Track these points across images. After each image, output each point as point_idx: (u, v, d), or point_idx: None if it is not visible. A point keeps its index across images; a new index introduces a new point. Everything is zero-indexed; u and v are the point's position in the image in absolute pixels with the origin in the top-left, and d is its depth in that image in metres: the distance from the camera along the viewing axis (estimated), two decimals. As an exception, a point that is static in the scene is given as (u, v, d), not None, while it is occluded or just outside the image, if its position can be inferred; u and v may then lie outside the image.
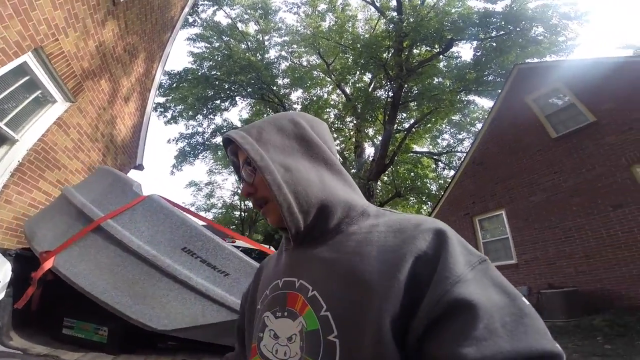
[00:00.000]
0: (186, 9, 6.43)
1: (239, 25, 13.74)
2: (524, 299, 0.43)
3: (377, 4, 12.22)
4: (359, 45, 11.01)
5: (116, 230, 1.79)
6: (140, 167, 6.82)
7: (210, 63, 12.63)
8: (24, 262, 1.80)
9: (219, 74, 11.87)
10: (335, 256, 0.52)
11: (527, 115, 7.96)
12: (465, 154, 10.53)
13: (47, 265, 1.63)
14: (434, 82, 11.27)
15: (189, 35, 12.99)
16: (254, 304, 0.66)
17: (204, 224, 2.28)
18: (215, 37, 12.95)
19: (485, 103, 17.68)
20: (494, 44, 9.60)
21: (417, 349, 0.41)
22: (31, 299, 1.68)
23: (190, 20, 12.33)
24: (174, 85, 11.94)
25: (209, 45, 13.06)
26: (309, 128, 0.63)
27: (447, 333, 0.39)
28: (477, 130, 11.92)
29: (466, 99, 11.61)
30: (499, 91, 9.14)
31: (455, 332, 0.38)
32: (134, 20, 4.69)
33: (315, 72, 13.60)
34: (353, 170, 12.02)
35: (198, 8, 12.36)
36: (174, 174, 15.12)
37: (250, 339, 0.61)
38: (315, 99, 14.06)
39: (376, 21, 13.10)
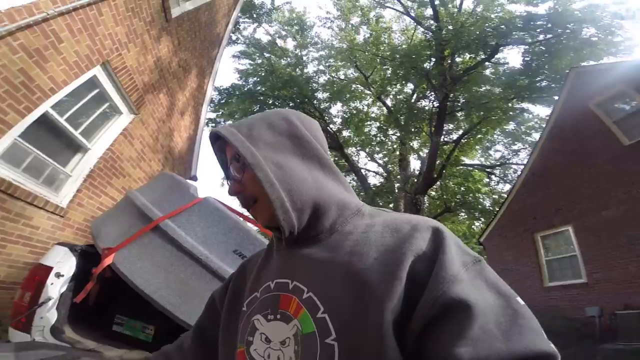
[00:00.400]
0: (230, 26, 6.80)
1: (278, 41, 14.26)
2: (518, 298, 0.42)
3: (412, 14, 12.03)
4: (397, 56, 10.77)
5: (173, 230, 1.81)
6: (194, 178, 7.18)
7: (255, 79, 13.17)
8: (88, 258, 1.88)
9: (263, 89, 12.36)
10: (331, 256, 0.51)
11: (592, 122, 7.26)
12: (522, 166, 9.81)
13: (107, 261, 1.68)
14: (482, 89, 10.72)
15: (234, 53, 13.76)
16: (236, 305, 0.62)
17: (257, 229, 2.25)
18: (258, 54, 13.51)
19: (541, 111, 16.45)
20: (543, 48, 8.98)
21: (415, 349, 0.41)
22: (89, 294, 1.73)
23: (234, 37, 13.04)
24: (223, 100, 12.63)
25: (252, 62, 13.67)
26: (301, 126, 0.61)
27: (443, 333, 0.39)
28: (534, 140, 11.10)
29: (519, 106, 10.86)
30: (556, 97, 8.54)
31: (451, 332, 0.38)
32: (184, 36, 5.01)
33: (353, 85, 13.59)
34: (398, 185, 11.64)
35: (240, 26, 13.02)
36: (224, 185, 15.80)
37: (231, 342, 0.58)
38: (355, 112, 14.01)
39: (412, 31, 12.83)
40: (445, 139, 12.04)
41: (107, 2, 3.24)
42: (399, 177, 12.66)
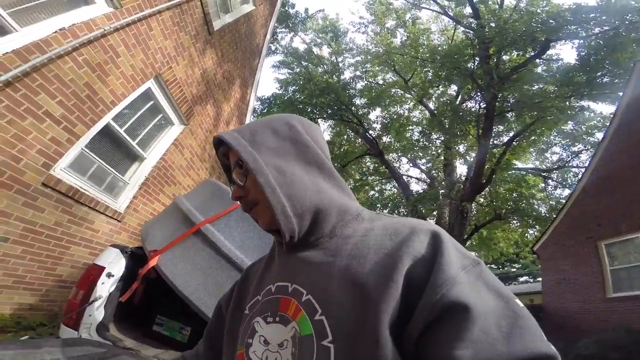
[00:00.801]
0: (268, 36, 7.06)
1: (314, 49, 14.50)
2: (517, 301, 0.42)
3: (450, 13, 11.54)
4: (438, 57, 10.40)
5: (212, 234, 1.88)
6: (238, 186, 7.50)
7: (294, 87, 13.51)
8: (137, 259, 2.01)
9: (302, 97, 12.59)
10: (330, 260, 0.51)
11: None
12: (583, 169, 8.92)
13: (152, 262, 1.77)
14: (534, 88, 9.95)
15: (273, 63, 14.29)
16: (239, 308, 0.64)
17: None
18: (296, 63, 13.89)
19: (604, 108, 14.86)
20: (600, 42, 8.16)
21: (414, 352, 0.41)
22: (134, 294, 1.83)
23: (273, 48, 13.59)
24: (265, 110, 13.09)
25: (291, 71, 14.05)
26: (303, 131, 0.62)
27: (443, 336, 0.39)
28: (596, 140, 10.05)
29: (578, 104, 9.90)
30: (620, 94, 7.76)
31: (450, 335, 0.38)
32: (227, 48, 5.24)
33: (393, 90, 13.29)
34: (442, 191, 11.09)
35: (277, 36, 13.55)
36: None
37: (233, 345, 0.59)
38: (395, 117, 13.69)
39: (452, 31, 12.34)
40: (495, 142, 11.27)
41: (155, 18, 3.50)
42: (443, 183, 12.06)
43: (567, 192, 11.25)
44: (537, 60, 9.94)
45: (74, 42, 2.64)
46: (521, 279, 26.85)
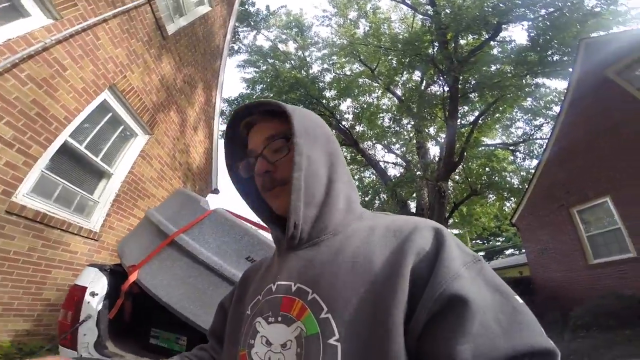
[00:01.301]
0: (228, 36, 6.92)
1: (280, 45, 14.36)
2: (517, 297, 0.43)
3: (408, 2, 11.81)
4: (399, 45, 10.69)
5: (187, 243, 1.88)
6: (216, 191, 7.35)
7: (262, 86, 13.34)
8: (117, 276, 2.00)
9: (271, 95, 12.49)
10: (335, 258, 0.52)
11: (614, 90, 6.92)
12: (547, 140, 9.41)
13: (132, 278, 1.77)
14: (492, 69, 10.42)
15: (238, 63, 14.00)
16: (240, 309, 0.63)
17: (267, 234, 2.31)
18: (262, 61, 13.69)
19: (558, 84, 15.69)
20: (548, 23, 8.69)
21: (417, 347, 0.41)
22: (123, 310, 1.83)
23: (236, 47, 13.30)
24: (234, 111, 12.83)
25: (257, 70, 13.84)
26: (326, 126, 0.64)
27: (443, 330, 0.39)
28: (555, 113, 10.66)
29: (534, 82, 10.48)
30: (570, 70, 8.25)
31: (451, 329, 0.39)
32: (184, 51, 5.11)
33: (360, 80, 13.46)
34: (418, 173, 11.42)
35: (239, 35, 13.24)
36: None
37: (235, 345, 0.58)
38: (365, 106, 13.88)
39: (411, 19, 12.65)
40: (462, 122, 11.71)
41: (101, 26, 3.34)
42: (419, 165, 12.42)
43: (535, 162, 11.89)
44: (492, 43, 10.37)
45: (13, 58, 2.48)
46: (507, 252, 27.44)
